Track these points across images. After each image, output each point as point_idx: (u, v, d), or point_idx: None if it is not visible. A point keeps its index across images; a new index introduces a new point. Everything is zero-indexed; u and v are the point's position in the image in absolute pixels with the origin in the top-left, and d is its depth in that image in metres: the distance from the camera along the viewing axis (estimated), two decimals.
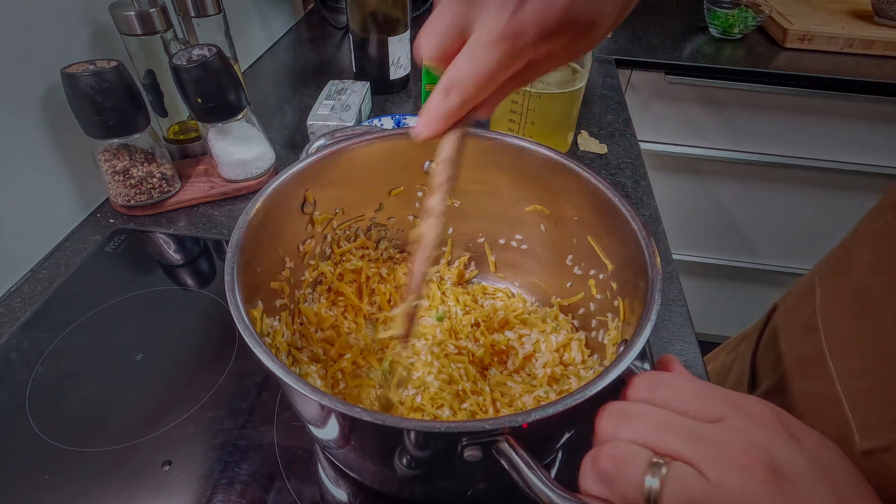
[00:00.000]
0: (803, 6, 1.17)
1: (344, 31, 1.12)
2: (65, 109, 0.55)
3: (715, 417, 0.24)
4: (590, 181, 0.40)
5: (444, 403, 0.40)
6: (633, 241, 0.36)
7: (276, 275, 0.41)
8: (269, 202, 0.38)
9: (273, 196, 0.38)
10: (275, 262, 0.41)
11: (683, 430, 0.23)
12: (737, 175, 1.21)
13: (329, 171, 0.43)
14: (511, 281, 0.52)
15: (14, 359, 0.47)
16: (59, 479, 0.39)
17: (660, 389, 0.25)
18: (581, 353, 0.43)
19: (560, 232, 0.45)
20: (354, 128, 0.45)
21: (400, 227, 0.50)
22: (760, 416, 0.23)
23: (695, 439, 0.23)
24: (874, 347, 0.36)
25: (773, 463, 0.21)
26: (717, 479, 0.21)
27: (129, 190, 0.61)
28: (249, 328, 0.29)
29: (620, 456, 0.23)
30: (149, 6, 0.58)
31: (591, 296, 0.43)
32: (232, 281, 0.32)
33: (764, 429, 0.23)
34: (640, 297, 0.33)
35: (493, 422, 0.25)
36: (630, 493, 0.23)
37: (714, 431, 0.23)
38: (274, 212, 0.39)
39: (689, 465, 0.22)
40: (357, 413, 0.25)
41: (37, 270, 0.57)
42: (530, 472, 0.25)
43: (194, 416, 0.43)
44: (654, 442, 0.23)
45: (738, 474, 0.21)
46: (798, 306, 0.48)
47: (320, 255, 0.46)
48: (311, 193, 0.42)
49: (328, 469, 0.41)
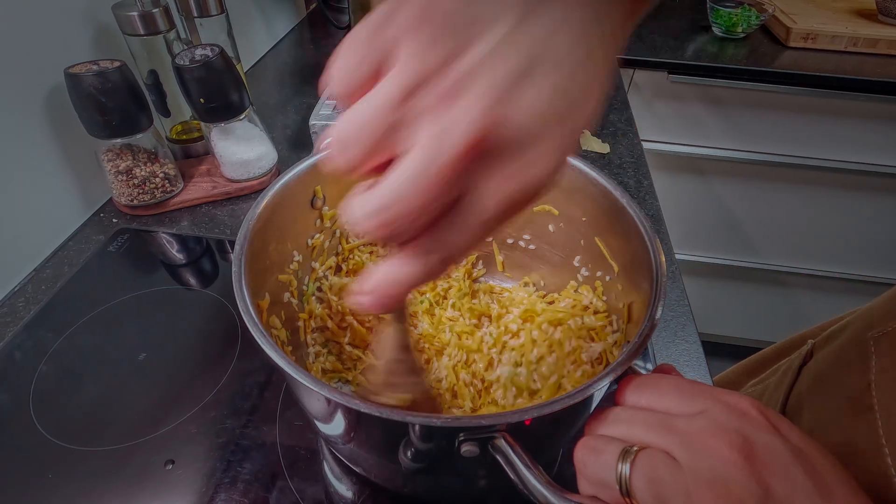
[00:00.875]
0: (807, 5, 1.16)
1: (346, 31, 1.12)
2: (68, 109, 0.55)
3: (696, 412, 0.24)
4: (597, 181, 0.40)
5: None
6: (638, 242, 0.36)
7: (285, 268, 0.42)
8: (279, 196, 0.38)
9: (283, 190, 0.39)
10: (284, 255, 0.41)
11: (655, 423, 0.24)
12: (740, 174, 1.20)
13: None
14: (518, 280, 0.52)
15: (18, 358, 0.48)
16: (62, 478, 0.40)
17: (643, 392, 0.26)
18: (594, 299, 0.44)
19: (568, 232, 0.45)
20: None
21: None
22: (739, 407, 0.24)
23: (666, 430, 0.23)
24: None
25: (746, 445, 0.21)
26: (687, 462, 0.22)
27: (132, 190, 0.61)
28: (254, 319, 0.29)
29: (594, 447, 0.25)
30: (152, 6, 0.59)
31: (597, 297, 0.43)
32: (239, 272, 0.32)
33: (741, 416, 0.23)
34: (644, 299, 0.33)
35: (489, 418, 0.25)
36: (605, 478, 0.23)
37: (688, 421, 0.23)
38: (284, 205, 0.39)
39: (661, 451, 0.23)
40: (358, 406, 0.25)
41: (40, 270, 0.57)
42: (526, 470, 0.25)
43: (197, 416, 0.44)
44: (627, 436, 0.24)
45: (707, 456, 0.21)
46: (845, 370, 0.39)
47: (329, 251, 0.47)
48: (320, 189, 0.43)
49: (333, 465, 0.41)
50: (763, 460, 0.21)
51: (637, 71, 1.07)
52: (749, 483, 0.21)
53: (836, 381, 0.40)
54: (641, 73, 1.07)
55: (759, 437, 0.22)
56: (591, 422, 0.27)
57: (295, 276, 0.43)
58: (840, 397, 0.38)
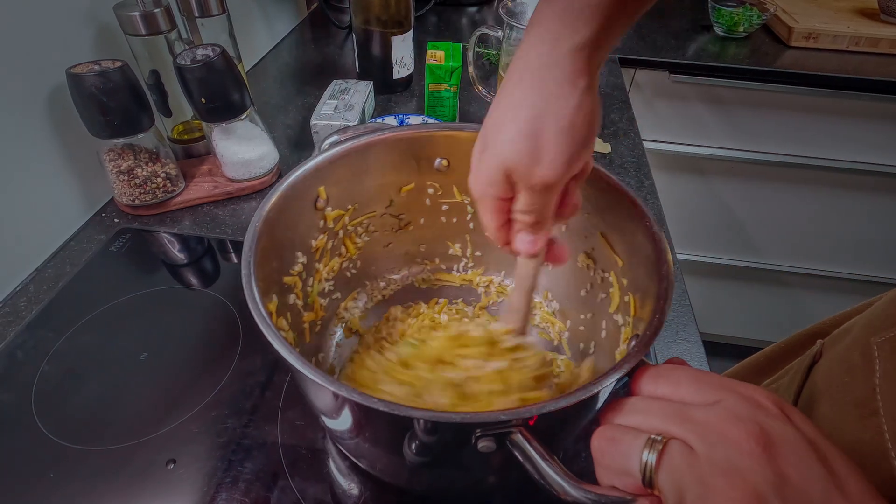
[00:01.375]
0: (808, 4, 1.16)
1: (347, 31, 1.13)
2: (70, 109, 0.55)
3: (712, 402, 0.24)
4: (602, 174, 0.40)
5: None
6: (644, 237, 0.36)
7: (289, 269, 0.42)
8: (283, 197, 0.38)
9: (287, 191, 0.39)
10: (288, 256, 0.41)
11: (672, 413, 0.24)
12: (741, 174, 1.20)
13: (341, 168, 0.43)
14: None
15: (20, 357, 0.48)
16: (63, 477, 0.40)
17: (659, 382, 0.26)
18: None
19: (572, 228, 0.45)
20: (367, 125, 0.45)
21: (411, 223, 0.51)
22: (755, 397, 0.24)
23: (683, 419, 0.23)
24: None
25: (762, 435, 0.22)
26: (704, 451, 0.22)
27: (134, 189, 0.61)
28: (265, 318, 0.29)
29: (612, 436, 0.25)
30: (153, 6, 0.59)
31: (602, 290, 0.43)
32: (249, 274, 0.32)
33: (756, 406, 0.23)
34: (652, 294, 0.33)
35: (507, 413, 0.26)
36: (626, 467, 0.24)
37: (704, 411, 0.23)
38: (289, 206, 0.39)
39: (678, 441, 0.23)
40: (373, 403, 0.25)
41: (42, 270, 0.57)
42: (544, 463, 0.25)
43: (198, 415, 0.44)
44: (644, 425, 0.24)
45: (724, 445, 0.22)
46: (850, 374, 0.40)
47: (332, 251, 0.47)
48: (323, 190, 0.43)
49: (339, 461, 0.41)
50: (779, 449, 0.21)
51: (638, 70, 1.07)
52: (765, 471, 0.21)
53: (842, 385, 0.41)
54: (643, 73, 1.07)
55: (774, 427, 0.22)
56: (606, 411, 0.27)
57: (300, 277, 0.43)
58: (846, 401, 0.39)
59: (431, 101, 0.78)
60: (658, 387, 0.26)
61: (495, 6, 1.27)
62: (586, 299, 0.45)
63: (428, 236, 0.52)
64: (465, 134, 0.45)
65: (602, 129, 0.82)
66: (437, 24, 1.18)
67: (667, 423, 0.24)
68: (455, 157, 0.46)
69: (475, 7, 1.26)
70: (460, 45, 0.78)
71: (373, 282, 0.52)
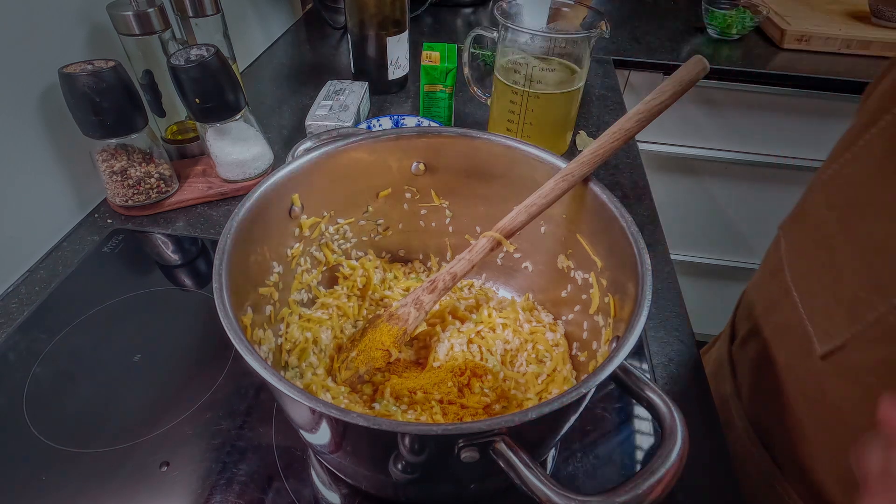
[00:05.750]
0: (801, 7, 1.17)
1: (342, 31, 1.12)
2: (62, 109, 0.54)
3: None
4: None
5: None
6: (621, 238, 0.36)
7: (265, 280, 0.41)
8: (255, 207, 0.38)
9: (259, 201, 0.38)
10: (263, 267, 0.41)
11: None
12: (734, 175, 1.21)
13: (315, 175, 0.43)
14: (504, 283, 0.52)
15: (11, 359, 0.47)
16: (56, 480, 0.39)
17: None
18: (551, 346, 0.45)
19: (550, 230, 0.45)
20: (340, 130, 0.45)
21: (389, 229, 0.50)
22: None
23: None
24: (831, 270, 0.40)
25: None
26: None
27: (127, 190, 0.61)
28: (238, 333, 0.29)
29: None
30: (146, 6, 0.58)
31: (582, 291, 0.43)
32: (220, 287, 0.32)
33: None
34: (631, 295, 0.33)
35: (489, 422, 0.25)
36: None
37: None
38: (261, 216, 0.39)
39: None
40: (352, 418, 0.25)
41: (34, 271, 0.57)
42: (528, 472, 0.25)
43: (192, 417, 0.43)
44: None
45: None
46: (767, 260, 0.53)
47: (312, 262, 0.47)
48: (297, 197, 0.42)
49: (322, 474, 0.41)
50: None
51: (632, 72, 1.07)
52: None
53: (762, 270, 0.54)
54: (637, 75, 1.08)
55: None
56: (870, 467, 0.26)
57: (276, 288, 0.42)
58: (765, 276, 0.52)
59: (427, 102, 0.78)
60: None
61: (490, 7, 1.27)
62: (567, 300, 0.45)
63: (407, 241, 0.52)
64: (441, 138, 0.45)
65: (596, 130, 0.82)
66: (433, 25, 1.18)
67: None
68: (432, 161, 0.46)
69: (470, 8, 1.26)
70: (455, 46, 0.78)
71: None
